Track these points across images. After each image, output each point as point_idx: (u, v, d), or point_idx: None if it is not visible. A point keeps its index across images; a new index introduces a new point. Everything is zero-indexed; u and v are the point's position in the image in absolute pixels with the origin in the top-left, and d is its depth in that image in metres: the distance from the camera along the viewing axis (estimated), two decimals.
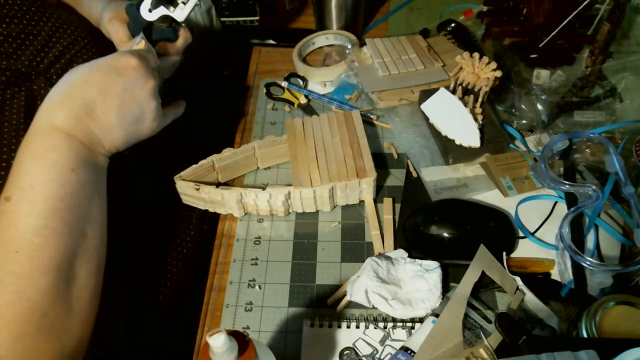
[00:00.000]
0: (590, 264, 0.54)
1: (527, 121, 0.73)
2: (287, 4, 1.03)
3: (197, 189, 0.65)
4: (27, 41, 0.58)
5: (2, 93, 0.54)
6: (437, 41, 0.88)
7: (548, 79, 0.73)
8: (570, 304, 0.56)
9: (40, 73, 0.57)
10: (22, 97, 0.55)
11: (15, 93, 0.54)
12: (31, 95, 0.56)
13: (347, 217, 0.67)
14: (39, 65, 0.58)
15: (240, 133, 0.80)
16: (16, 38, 0.57)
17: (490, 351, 0.48)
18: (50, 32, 0.60)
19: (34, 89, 0.56)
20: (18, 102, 0.54)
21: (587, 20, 0.71)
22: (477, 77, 0.69)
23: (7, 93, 0.54)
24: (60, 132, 0.44)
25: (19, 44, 0.57)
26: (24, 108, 0.54)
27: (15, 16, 0.58)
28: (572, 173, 0.66)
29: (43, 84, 0.57)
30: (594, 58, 0.70)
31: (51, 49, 0.59)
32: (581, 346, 0.40)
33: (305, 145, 0.67)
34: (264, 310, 0.58)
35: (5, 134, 0.52)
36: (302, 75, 0.87)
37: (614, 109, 0.71)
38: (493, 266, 0.55)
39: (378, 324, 0.55)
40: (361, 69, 0.83)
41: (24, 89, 0.55)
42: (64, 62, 0.60)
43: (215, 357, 0.35)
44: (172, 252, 0.69)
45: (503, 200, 0.66)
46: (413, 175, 0.70)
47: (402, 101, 0.78)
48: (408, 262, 0.58)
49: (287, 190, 0.63)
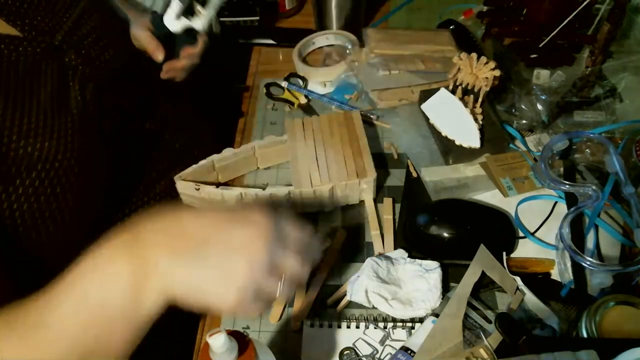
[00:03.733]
0: (590, 264, 0.54)
1: (527, 121, 0.73)
2: (287, 4, 1.03)
3: (197, 189, 0.65)
4: (65, 18, 0.62)
5: (37, 64, 0.57)
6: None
7: (548, 79, 0.73)
8: (570, 304, 0.56)
9: (72, 46, 0.61)
10: (55, 68, 0.58)
11: (49, 64, 0.58)
12: (62, 65, 0.59)
13: (347, 217, 0.67)
14: (71, 39, 0.62)
15: (240, 133, 0.80)
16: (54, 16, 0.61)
17: (490, 351, 0.48)
18: (81, 11, 0.64)
19: (65, 60, 0.60)
20: (52, 72, 0.58)
21: (587, 20, 0.71)
22: (475, 77, 0.69)
23: (42, 64, 0.57)
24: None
25: (57, 21, 0.61)
26: (57, 76, 0.58)
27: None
28: (572, 173, 0.66)
29: (74, 56, 0.61)
30: (594, 58, 0.70)
31: (83, 25, 0.64)
32: (581, 346, 0.40)
33: (305, 145, 0.67)
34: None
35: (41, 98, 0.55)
36: (302, 75, 0.87)
37: (614, 109, 0.71)
38: (493, 266, 0.55)
39: (378, 324, 0.55)
40: (361, 68, 0.83)
41: (57, 60, 0.59)
42: (93, 39, 0.64)
43: (215, 357, 0.35)
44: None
45: (503, 200, 0.66)
46: (413, 175, 0.70)
47: (402, 101, 0.78)
48: (408, 262, 0.58)
49: (287, 190, 0.63)
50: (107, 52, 0.65)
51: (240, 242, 0.38)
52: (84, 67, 0.61)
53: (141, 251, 0.38)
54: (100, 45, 0.65)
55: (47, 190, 0.52)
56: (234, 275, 0.37)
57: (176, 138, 0.78)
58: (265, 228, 0.39)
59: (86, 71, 0.61)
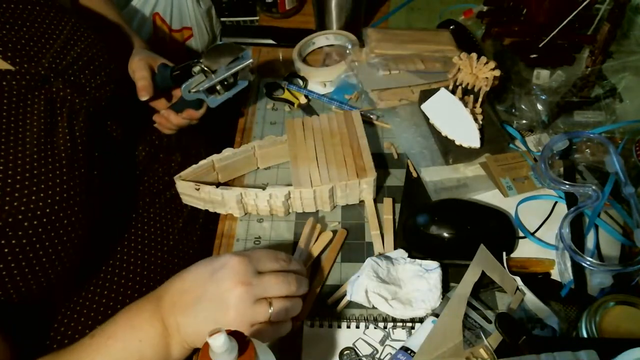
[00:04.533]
0: (590, 264, 0.54)
1: (527, 121, 0.73)
2: (287, 4, 1.03)
3: (197, 189, 0.65)
4: (48, 44, 0.58)
5: (23, 98, 0.53)
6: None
7: (548, 79, 0.73)
8: (570, 304, 0.56)
9: (59, 74, 0.57)
10: (42, 101, 0.54)
11: (35, 97, 0.54)
12: (50, 98, 0.55)
13: (347, 217, 0.67)
14: (57, 67, 0.57)
15: (240, 133, 0.80)
16: (37, 42, 0.57)
17: (490, 351, 0.48)
18: (69, 35, 0.60)
19: (53, 91, 0.55)
20: (38, 107, 0.53)
21: (587, 20, 0.71)
22: (475, 77, 0.69)
23: (28, 98, 0.53)
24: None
25: (39, 47, 0.57)
26: (44, 113, 0.54)
27: (35, 20, 0.58)
28: (572, 173, 0.66)
29: (62, 86, 0.56)
30: (594, 58, 0.70)
31: (69, 51, 0.60)
32: (581, 346, 0.40)
33: (305, 145, 0.67)
34: None
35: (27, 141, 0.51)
36: (302, 75, 0.87)
37: (614, 109, 0.71)
38: (493, 266, 0.55)
39: (378, 324, 0.55)
40: (361, 68, 0.83)
41: (44, 92, 0.55)
42: (81, 64, 0.60)
43: (215, 357, 0.35)
44: (174, 250, 0.69)
45: (503, 200, 0.66)
46: (413, 175, 0.70)
47: (402, 101, 0.78)
48: (408, 262, 0.58)
49: (287, 190, 0.63)
50: (98, 76, 0.62)
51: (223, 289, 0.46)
52: (72, 97, 0.57)
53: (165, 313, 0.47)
54: (91, 69, 0.61)
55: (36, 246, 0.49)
56: (224, 321, 0.46)
57: (171, 157, 0.76)
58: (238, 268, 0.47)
59: (75, 102, 0.57)
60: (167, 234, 0.69)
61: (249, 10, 1.13)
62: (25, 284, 0.49)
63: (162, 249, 0.67)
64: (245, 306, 0.46)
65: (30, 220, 0.48)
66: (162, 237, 0.68)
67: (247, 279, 0.47)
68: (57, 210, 0.50)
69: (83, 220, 0.54)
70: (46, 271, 0.51)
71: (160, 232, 0.68)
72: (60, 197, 0.51)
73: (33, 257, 0.49)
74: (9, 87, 0.52)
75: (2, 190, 0.47)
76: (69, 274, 0.55)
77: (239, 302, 0.46)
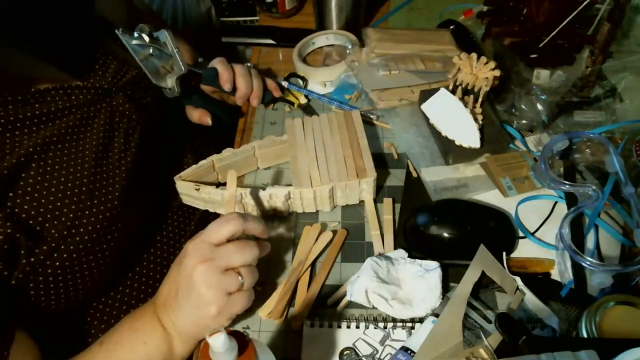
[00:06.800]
0: (590, 264, 0.54)
1: (527, 121, 0.73)
2: (287, 4, 1.03)
3: (197, 189, 0.65)
4: (108, 60, 0.62)
5: (87, 110, 0.57)
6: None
7: (548, 79, 0.73)
8: (570, 304, 0.56)
9: (120, 89, 0.61)
10: (102, 114, 0.58)
11: (97, 110, 0.58)
12: (111, 111, 0.59)
13: (347, 217, 0.67)
14: (119, 82, 0.62)
15: (240, 133, 0.80)
16: (101, 56, 0.62)
17: (490, 351, 0.48)
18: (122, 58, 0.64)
19: (114, 104, 0.60)
20: (99, 120, 0.58)
21: (587, 20, 0.71)
22: (475, 77, 0.69)
23: (91, 110, 0.57)
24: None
25: (104, 61, 0.62)
26: (103, 127, 0.58)
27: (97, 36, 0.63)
28: (572, 173, 0.66)
29: (122, 100, 0.60)
30: (594, 58, 0.70)
31: (128, 68, 0.64)
32: (581, 346, 0.40)
33: (305, 145, 0.67)
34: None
35: (87, 154, 0.55)
36: (302, 75, 0.87)
37: (614, 109, 0.71)
38: (493, 266, 0.55)
39: (378, 324, 0.55)
40: (361, 68, 0.83)
41: (105, 105, 0.59)
42: (137, 81, 0.65)
43: (215, 357, 0.35)
44: (175, 250, 0.69)
45: (503, 200, 0.66)
46: (413, 175, 0.70)
47: (402, 101, 0.78)
48: (408, 262, 0.58)
49: (287, 191, 0.63)
50: (151, 91, 0.66)
51: (188, 273, 0.48)
52: (130, 112, 0.61)
53: (160, 314, 0.50)
54: (142, 86, 0.65)
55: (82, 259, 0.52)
56: (203, 301, 0.47)
57: (182, 160, 0.77)
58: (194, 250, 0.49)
59: (133, 117, 0.61)
60: (179, 237, 0.69)
61: (249, 10, 1.13)
62: (67, 294, 0.52)
63: (175, 252, 0.68)
64: (213, 279, 0.47)
65: (82, 235, 0.52)
66: (175, 240, 0.69)
67: (205, 255, 0.48)
68: (106, 225, 0.54)
69: (123, 232, 0.57)
70: (87, 282, 0.54)
71: (173, 236, 0.69)
72: (110, 213, 0.55)
73: (79, 269, 0.52)
74: (77, 100, 0.56)
75: (61, 202, 0.51)
76: (105, 283, 0.58)
77: (205, 278, 0.47)
